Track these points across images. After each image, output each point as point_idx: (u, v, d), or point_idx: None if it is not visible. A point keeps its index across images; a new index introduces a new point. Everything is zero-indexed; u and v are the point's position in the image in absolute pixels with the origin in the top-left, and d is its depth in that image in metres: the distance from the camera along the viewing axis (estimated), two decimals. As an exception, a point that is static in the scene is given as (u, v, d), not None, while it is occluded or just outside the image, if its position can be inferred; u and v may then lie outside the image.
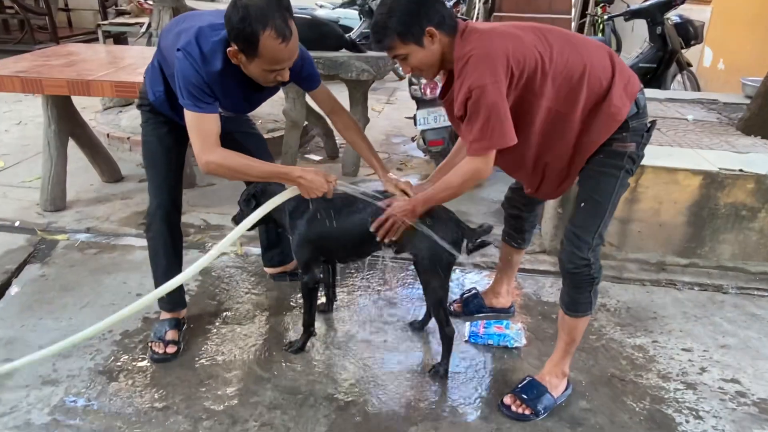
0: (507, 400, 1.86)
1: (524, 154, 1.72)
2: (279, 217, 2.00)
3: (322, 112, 2.13)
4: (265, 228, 2.44)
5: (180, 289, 2.16)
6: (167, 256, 2.08)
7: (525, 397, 1.85)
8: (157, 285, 2.04)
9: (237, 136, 2.10)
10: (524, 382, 1.90)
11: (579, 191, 1.76)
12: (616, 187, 1.70)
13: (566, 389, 1.92)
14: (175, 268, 2.10)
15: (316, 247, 1.96)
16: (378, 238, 1.83)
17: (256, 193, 1.99)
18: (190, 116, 1.72)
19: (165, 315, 2.14)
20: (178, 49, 1.68)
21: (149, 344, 2.07)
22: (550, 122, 1.66)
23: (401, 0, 1.61)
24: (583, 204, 1.74)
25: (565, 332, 1.85)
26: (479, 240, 1.90)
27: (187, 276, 1.90)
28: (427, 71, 1.72)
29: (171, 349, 2.04)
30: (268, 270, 2.57)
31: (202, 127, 1.72)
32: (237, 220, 2.04)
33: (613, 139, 1.66)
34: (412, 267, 2.15)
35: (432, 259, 1.85)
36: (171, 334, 2.07)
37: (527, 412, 1.83)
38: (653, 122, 1.74)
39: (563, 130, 1.67)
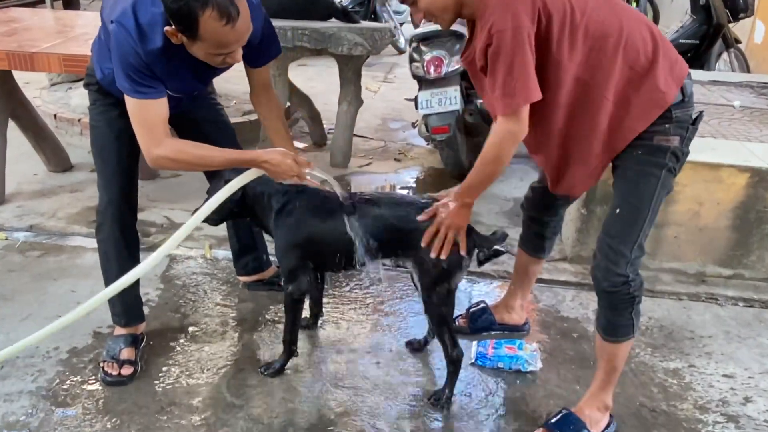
0: None
1: (548, 130, 1.72)
2: (261, 215, 1.99)
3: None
4: (235, 231, 2.43)
5: (137, 300, 2.16)
6: (120, 260, 2.06)
7: (557, 431, 1.85)
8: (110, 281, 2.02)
9: (200, 124, 2.13)
10: (559, 415, 1.90)
11: (614, 195, 1.76)
12: (657, 190, 1.69)
13: (608, 427, 1.90)
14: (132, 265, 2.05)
15: (304, 253, 1.96)
16: (434, 255, 1.82)
17: (228, 181, 1.98)
18: (131, 103, 1.73)
19: (119, 330, 2.13)
20: (112, 21, 1.68)
21: (101, 364, 2.06)
22: (578, 92, 1.66)
23: None
24: (618, 210, 1.74)
25: (605, 360, 1.85)
26: (493, 249, 1.91)
27: (125, 281, 1.82)
28: (442, 16, 1.71)
29: (126, 371, 2.04)
30: (243, 278, 2.58)
31: (145, 116, 1.74)
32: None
33: (653, 131, 1.66)
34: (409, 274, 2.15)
35: (436, 268, 1.86)
36: (126, 353, 2.07)
37: None
38: (700, 113, 1.73)
39: (594, 106, 1.66)
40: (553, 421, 1.89)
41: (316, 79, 5.37)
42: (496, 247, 1.92)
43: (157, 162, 1.76)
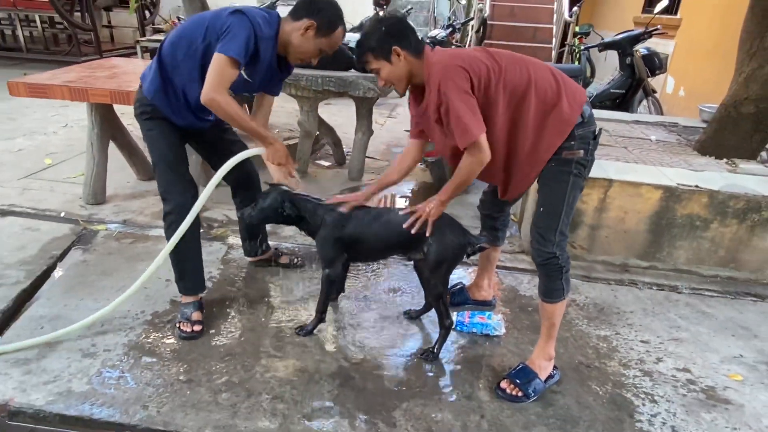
0: (503, 384, 1.86)
1: (494, 158, 1.74)
2: (313, 220, 1.97)
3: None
4: (246, 224, 2.37)
5: (202, 275, 2.16)
6: (197, 246, 2.09)
7: (518, 381, 1.85)
8: (189, 270, 2.10)
9: (219, 140, 2.14)
10: (518, 367, 1.90)
11: (538, 197, 1.79)
12: (567, 191, 1.73)
13: (553, 376, 1.90)
14: (199, 247, 2.10)
15: (346, 247, 1.96)
16: (413, 231, 1.85)
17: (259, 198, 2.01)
18: (219, 58, 1.73)
19: (187, 299, 2.13)
20: (234, 11, 1.77)
21: (177, 324, 2.06)
22: (508, 127, 1.71)
23: (376, 26, 1.76)
24: (542, 208, 1.77)
25: (546, 318, 1.86)
26: (479, 245, 1.93)
27: (163, 255, 1.96)
28: (397, 84, 1.79)
29: (197, 328, 2.04)
30: (249, 258, 2.56)
31: (224, 70, 1.74)
32: (244, 216, 2.02)
33: (562, 148, 1.69)
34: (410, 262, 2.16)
35: (438, 259, 1.87)
36: (196, 315, 2.08)
37: (519, 394, 1.83)
38: (599, 130, 1.76)
39: (521, 135, 1.71)
40: (513, 372, 1.89)
41: (338, 115, 5.36)
42: (482, 244, 1.93)
43: (209, 100, 1.75)
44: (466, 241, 1.90)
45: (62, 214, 2.95)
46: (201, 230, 2.17)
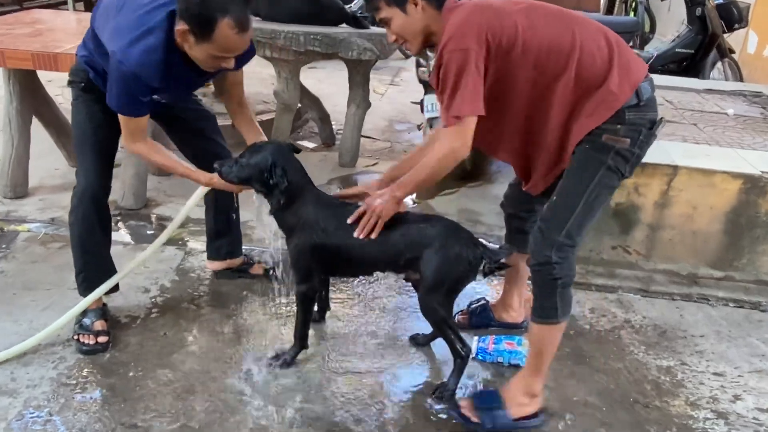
0: (462, 401, 1.91)
1: (512, 131, 1.75)
2: (293, 212, 1.97)
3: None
4: (214, 214, 2.45)
5: (107, 275, 2.19)
6: (95, 237, 2.13)
7: (477, 404, 1.87)
8: (89, 263, 2.15)
9: (185, 114, 2.25)
10: (487, 390, 1.94)
11: (559, 183, 1.78)
12: (592, 184, 1.70)
13: (534, 417, 1.88)
14: (107, 245, 2.20)
15: (325, 258, 1.97)
16: (359, 235, 1.86)
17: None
18: (121, 117, 1.91)
19: (91, 306, 2.16)
20: (113, 51, 1.78)
21: (75, 337, 2.12)
22: (534, 97, 1.71)
23: None
24: (555, 197, 1.76)
25: (533, 342, 1.86)
26: (498, 262, 1.91)
27: (135, 264, 2.18)
28: (410, 41, 1.82)
29: (102, 339, 2.12)
30: (210, 265, 2.57)
31: (129, 125, 1.93)
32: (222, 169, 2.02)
33: (604, 129, 1.67)
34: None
35: (436, 277, 1.87)
36: (100, 324, 2.14)
37: (474, 419, 1.85)
38: (661, 119, 1.74)
39: (551, 114, 1.71)
40: (478, 393, 1.93)
41: (326, 82, 5.35)
42: (502, 260, 1.93)
43: (133, 152, 2.06)
44: (477, 256, 1.87)
45: (-28, 211, 2.95)
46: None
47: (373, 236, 1.85)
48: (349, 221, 1.88)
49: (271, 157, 1.92)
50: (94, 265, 2.16)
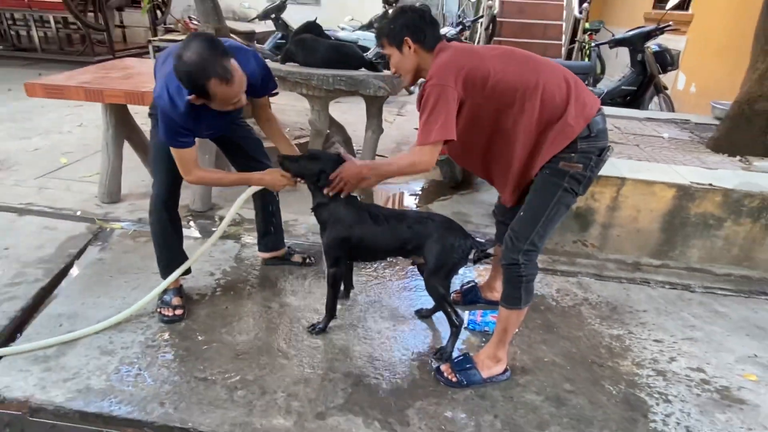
0: (443, 367, 1.89)
1: (486, 155, 1.73)
2: (324, 218, 1.97)
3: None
4: (263, 217, 2.46)
5: (180, 263, 2.19)
6: (167, 235, 2.15)
7: (455, 367, 1.87)
8: (166, 253, 2.17)
9: (237, 141, 2.22)
10: (460, 356, 1.92)
11: (525, 200, 1.74)
12: (551, 203, 1.66)
13: (501, 374, 1.89)
14: (180, 239, 2.20)
15: (351, 247, 1.96)
16: (328, 192, 1.89)
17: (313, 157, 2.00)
18: (171, 149, 1.86)
19: (173, 285, 2.18)
20: (156, 96, 1.77)
21: (158, 310, 2.13)
22: (503, 126, 1.67)
23: (399, 14, 1.75)
24: (522, 213, 1.72)
25: (500, 321, 1.84)
26: (484, 252, 1.91)
27: (201, 252, 2.18)
28: (404, 75, 1.80)
29: (179, 312, 2.13)
30: (261, 254, 2.57)
31: (180, 157, 1.89)
32: (284, 162, 2.01)
33: (560, 157, 1.62)
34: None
35: (437, 263, 1.86)
36: (176, 300, 2.16)
37: (453, 379, 1.85)
38: (608, 147, 1.67)
39: (515, 136, 1.66)
40: (455, 359, 1.91)
41: (349, 113, 5.35)
42: (487, 250, 1.92)
43: (191, 182, 1.98)
44: (467, 245, 1.88)
45: (78, 213, 2.98)
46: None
47: (331, 193, 1.89)
48: (326, 191, 1.90)
49: (322, 165, 1.93)
50: (169, 254, 2.17)
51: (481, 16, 7.60)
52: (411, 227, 1.90)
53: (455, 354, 1.96)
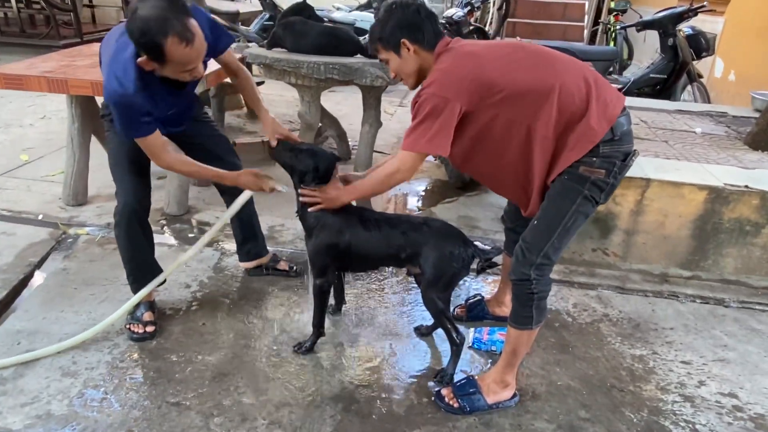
0: (444, 391, 1.91)
1: (507, 170, 1.73)
2: (310, 223, 1.99)
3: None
4: (239, 224, 2.47)
5: (153, 275, 2.21)
6: (139, 247, 2.15)
7: (458, 391, 1.89)
8: (136, 267, 2.17)
9: (202, 139, 2.25)
10: (463, 379, 1.93)
11: (539, 209, 1.74)
12: (570, 212, 1.65)
13: (509, 399, 1.90)
14: (151, 250, 2.21)
15: (339, 255, 1.98)
16: (302, 201, 1.95)
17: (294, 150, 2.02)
18: (137, 140, 1.87)
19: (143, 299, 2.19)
20: (105, 88, 1.77)
21: (127, 326, 2.15)
22: (520, 136, 1.65)
23: (389, 13, 1.75)
24: (536, 221, 1.72)
25: (508, 342, 1.84)
26: (489, 261, 1.92)
27: (179, 263, 2.22)
28: (406, 79, 1.81)
29: (150, 329, 2.14)
30: (244, 264, 2.58)
31: (147, 145, 1.88)
32: (278, 147, 2.05)
33: (581, 161, 1.62)
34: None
35: (435, 273, 1.88)
36: (148, 315, 2.18)
37: (455, 405, 1.86)
38: (634, 151, 1.68)
39: (538, 146, 1.65)
40: (457, 382, 1.93)
41: (343, 104, 5.38)
42: (493, 259, 1.94)
43: (163, 168, 1.98)
44: (468, 254, 1.89)
45: (40, 217, 3.00)
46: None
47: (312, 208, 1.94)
48: (302, 199, 1.95)
49: (314, 162, 1.95)
50: (140, 268, 2.17)
51: (494, -5, 7.61)
52: (405, 233, 1.92)
53: (458, 377, 1.98)
